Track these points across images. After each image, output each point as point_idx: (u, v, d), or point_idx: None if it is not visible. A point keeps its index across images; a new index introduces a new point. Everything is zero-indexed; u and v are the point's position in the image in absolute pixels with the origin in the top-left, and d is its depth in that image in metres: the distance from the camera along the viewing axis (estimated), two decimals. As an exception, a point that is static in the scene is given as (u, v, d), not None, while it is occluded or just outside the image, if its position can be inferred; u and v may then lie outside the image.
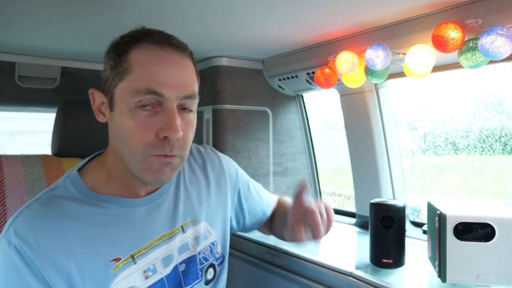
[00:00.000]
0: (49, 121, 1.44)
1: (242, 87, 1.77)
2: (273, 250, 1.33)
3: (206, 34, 1.34)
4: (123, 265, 0.79)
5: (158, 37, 0.77)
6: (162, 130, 0.74)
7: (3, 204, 1.15)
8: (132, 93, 0.74)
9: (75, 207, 0.78)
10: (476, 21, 0.99)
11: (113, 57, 0.78)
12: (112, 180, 0.84)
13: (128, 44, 0.77)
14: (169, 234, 0.87)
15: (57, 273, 0.73)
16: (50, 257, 0.73)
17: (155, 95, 0.74)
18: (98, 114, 0.83)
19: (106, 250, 0.78)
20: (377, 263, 1.13)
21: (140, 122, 0.74)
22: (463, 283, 0.94)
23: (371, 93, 1.51)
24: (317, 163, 1.97)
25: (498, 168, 1.49)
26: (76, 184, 0.81)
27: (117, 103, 0.77)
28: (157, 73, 0.74)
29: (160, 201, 0.88)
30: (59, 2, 1.03)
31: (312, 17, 1.17)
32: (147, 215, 0.85)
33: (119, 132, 0.77)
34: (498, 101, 1.53)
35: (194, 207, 0.94)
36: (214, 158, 1.05)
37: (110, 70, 0.78)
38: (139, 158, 0.76)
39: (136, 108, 0.74)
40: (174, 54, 0.77)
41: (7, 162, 1.21)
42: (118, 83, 0.76)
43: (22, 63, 1.57)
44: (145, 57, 0.75)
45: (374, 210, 1.13)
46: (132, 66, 0.75)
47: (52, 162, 1.27)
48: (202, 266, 0.93)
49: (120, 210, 0.82)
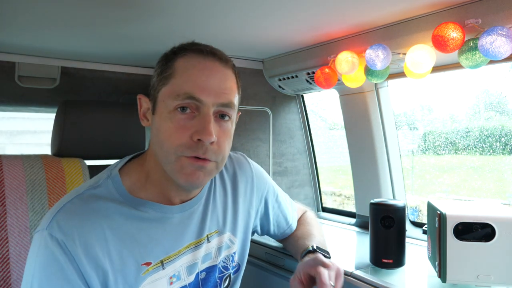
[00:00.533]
0: (49, 121, 1.44)
1: (242, 87, 1.76)
2: (273, 250, 1.33)
3: (206, 34, 1.34)
4: (152, 269, 0.81)
5: (203, 47, 0.82)
6: (197, 133, 0.77)
7: (3, 204, 1.15)
8: (172, 96, 0.78)
9: (114, 208, 0.80)
10: (476, 21, 0.99)
11: (161, 65, 0.83)
12: (149, 183, 0.85)
13: (175, 53, 0.82)
14: (196, 243, 0.89)
15: (94, 270, 0.74)
16: (89, 254, 0.74)
17: (193, 100, 0.77)
18: (142, 119, 0.87)
19: (139, 253, 0.80)
20: (377, 263, 1.13)
21: (177, 124, 0.77)
22: (463, 283, 0.94)
23: (371, 93, 1.51)
24: (317, 163, 1.97)
25: (498, 168, 1.49)
26: (117, 185, 0.83)
27: (158, 106, 0.81)
28: (198, 79, 0.78)
29: (193, 210, 0.90)
30: (59, 2, 1.03)
31: (312, 17, 1.17)
32: (180, 222, 0.86)
33: (157, 134, 0.80)
34: (498, 101, 1.53)
35: (220, 218, 0.95)
36: (246, 166, 1.06)
37: (157, 77, 0.82)
38: (172, 159, 0.78)
39: (175, 111, 0.78)
40: (216, 64, 0.82)
41: (7, 162, 1.21)
42: (162, 87, 0.80)
43: (22, 63, 1.57)
44: (189, 64, 0.80)
45: (374, 210, 1.13)
46: (176, 72, 0.79)
47: (52, 162, 1.27)
48: (221, 275, 0.95)
49: (156, 215, 0.83)
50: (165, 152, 0.78)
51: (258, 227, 1.11)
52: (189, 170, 0.78)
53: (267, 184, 1.10)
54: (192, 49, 0.81)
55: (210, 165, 0.80)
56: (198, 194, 0.92)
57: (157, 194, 0.85)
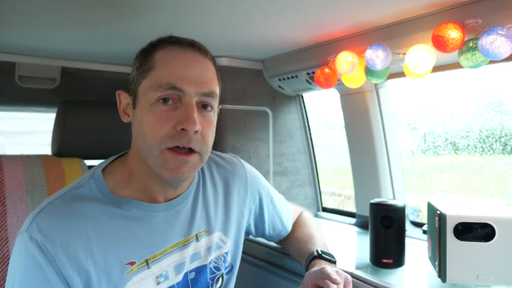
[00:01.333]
0: (49, 121, 1.44)
1: (242, 87, 1.77)
2: (273, 250, 1.33)
3: (206, 34, 1.34)
4: (137, 269, 0.80)
5: (182, 39, 0.83)
6: (180, 122, 0.76)
7: (3, 204, 1.15)
8: (154, 88, 0.77)
9: (97, 208, 0.79)
10: (476, 21, 0.99)
11: (140, 59, 0.83)
12: (132, 181, 0.84)
13: (154, 46, 0.82)
14: (184, 242, 0.88)
15: (76, 270, 0.73)
16: (70, 255, 0.73)
17: (175, 90, 0.77)
18: (123, 115, 0.86)
19: (123, 252, 0.79)
20: (377, 263, 1.13)
21: (159, 116, 0.77)
22: (463, 283, 0.94)
23: (371, 93, 1.51)
24: (317, 163, 1.97)
25: (498, 168, 1.49)
26: (99, 185, 0.82)
27: (139, 100, 0.80)
28: (179, 69, 0.78)
29: (179, 208, 0.89)
30: (60, 3, 1.03)
31: (312, 17, 1.17)
32: (164, 221, 0.86)
33: (139, 127, 0.80)
34: (498, 101, 1.53)
35: (210, 217, 0.94)
36: (238, 167, 1.06)
37: (136, 70, 0.82)
38: (155, 153, 0.78)
39: (157, 103, 0.77)
40: (195, 54, 0.82)
41: (7, 162, 1.21)
42: (142, 80, 0.80)
43: (22, 63, 1.57)
44: (168, 56, 0.80)
45: (374, 210, 1.13)
46: (155, 64, 0.79)
47: (52, 162, 1.27)
48: (213, 275, 0.94)
49: (140, 214, 0.83)
50: (148, 145, 0.78)
51: (252, 228, 1.10)
52: (173, 165, 0.78)
53: (261, 185, 1.09)
54: (171, 41, 0.82)
55: (193, 158, 0.79)
56: (184, 193, 0.90)
57: (140, 192, 0.84)
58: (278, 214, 1.12)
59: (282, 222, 1.14)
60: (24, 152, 1.31)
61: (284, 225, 1.15)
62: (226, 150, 1.73)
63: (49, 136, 1.37)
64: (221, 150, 1.72)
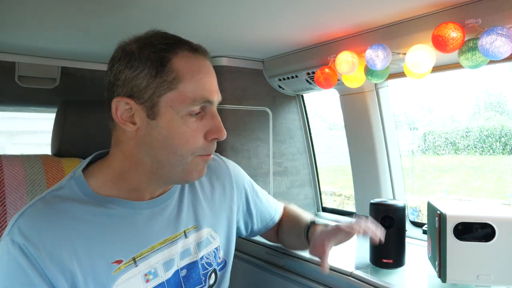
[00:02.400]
0: (49, 121, 1.44)
1: (242, 87, 1.77)
2: (273, 250, 1.33)
3: (206, 34, 1.34)
4: (124, 267, 0.79)
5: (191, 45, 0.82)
6: (211, 133, 0.81)
7: (3, 204, 1.15)
8: (187, 102, 0.78)
9: (79, 208, 0.79)
10: (476, 21, 0.99)
11: (151, 64, 0.77)
12: (122, 181, 0.84)
13: (166, 52, 0.78)
14: (172, 239, 0.88)
15: (60, 272, 0.73)
16: (53, 257, 0.73)
17: (207, 103, 0.80)
18: (124, 123, 0.80)
19: (108, 251, 0.78)
20: (377, 263, 1.13)
21: (192, 128, 0.79)
22: (463, 283, 0.94)
23: (371, 93, 1.51)
24: (317, 163, 1.97)
25: (498, 168, 1.49)
26: (81, 185, 0.82)
27: (163, 111, 0.78)
28: (208, 83, 0.81)
29: (165, 205, 0.89)
30: (60, 3, 1.03)
31: (312, 17, 1.17)
32: (150, 218, 0.85)
33: (164, 139, 0.79)
34: (498, 101, 1.53)
35: (198, 213, 0.95)
36: (221, 164, 1.07)
37: (150, 78, 0.77)
38: (188, 161, 0.81)
39: (188, 115, 0.79)
40: (207, 62, 0.84)
41: (7, 162, 1.21)
42: (166, 92, 0.77)
43: (22, 63, 1.57)
44: (194, 67, 0.80)
45: (374, 210, 1.13)
46: (182, 76, 0.78)
47: (52, 162, 1.27)
48: (205, 271, 0.94)
49: (124, 212, 0.82)
50: (180, 156, 0.80)
51: (241, 223, 1.10)
52: (201, 167, 0.84)
53: (245, 180, 1.10)
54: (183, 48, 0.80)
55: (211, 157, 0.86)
56: (170, 190, 0.91)
57: (129, 191, 0.84)
58: (265, 206, 1.14)
59: (270, 213, 1.16)
60: (24, 152, 1.31)
61: (272, 216, 1.16)
62: (226, 150, 1.73)
63: (49, 136, 1.37)
64: (221, 150, 1.73)
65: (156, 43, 0.79)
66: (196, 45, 0.83)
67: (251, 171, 1.79)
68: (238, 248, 1.49)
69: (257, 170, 1.81)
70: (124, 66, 0.78)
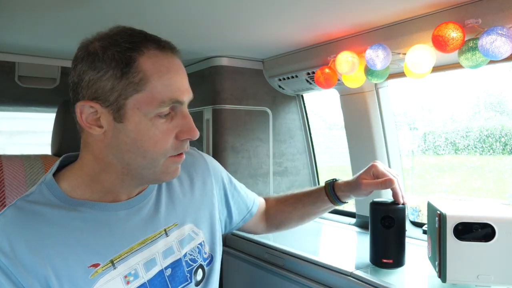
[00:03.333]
0: (49, 121, 1.44)
1: (242, 87, 1.77)
2: (273, 250, 1.33)
3: (206, 34, 1.34)
4: (102, 270, 0.78)
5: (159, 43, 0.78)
6: (183, 133, 0.78)
7: (3, 204, 1.15)
8: (155, 104, 0.74)
9: (51, 212, 0.77)
10: (476, 21, 0.99)
11: (116, 65, 0.73)
12: (95, 185, 0.82)
13: (132, 51, 0.74)
14: (151, 238, 0.86)
15: (35, 279, 0.72)
16: (26, 264, 0.72)
17: (177, 104, 0.77)
18: (90, 127, 0.77)
19: (84, 255, 0.77)
20: (377, 263, 1.13)
21: (162, 129, 0.77)
22: (463, 283, 0.94)
23: (371, 93, 1.51)
24: (317, 163, 1.97)
25: (498, 168, 1.49)
26: (52, 189, 0.80)
27: (130, 114, 0.75)
28: (177, 82, 0.77)
29: (141, 205, 0.87)
30: (60, 3, 1.03)
31: (312, 17, 1.17)
32: (127, 219, 0.84)
33: (133, 142, 0.76)
34: (498, 101, 1.53)
35: (177, 210, 0.93)
36: (199, 158, 1.05)
37: (115, 79, 0.74)
38: (159, 163, 0.79)
39: (156, 117, 0.76)
40: (176, 60, 0.80)
41: (7, 162, 1.21)
42: (133, 94, 0.74)
43: (22, 63, 1.57)
44: (161, 67, 0.76)
45: (374, 210, 1.13)
46: (149, 77, 0.74)
47: (52, 162, 1.27)
48: (190, 268, 0.92)
49: (98, 215, 0.81)
50: (150, 159, 0.77)
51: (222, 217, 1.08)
52: (173, 168, 0.81)
53: (223, 173, 1.09)
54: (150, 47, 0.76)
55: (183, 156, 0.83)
56: (146, 189, 0.89)
57: (103, 193, 0.82)
58: (242, 198, 1.12)
59: (247, 205, 1.14)
60: (24, 152, 1.31)
61: (248, 207, 1.15)
62: (226, 150, 1.73)
63: (49, 136, 1.37)
64: (221, 150, 1.73)
65: (121, 42, 0.75)
66: (164, 42, 0.79)
67: (251, 171, 1.79)
68: (238, 247, 1.50)
69: (257, 170, 1.81)
70: (87, 67, 0.75)
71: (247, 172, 1.14)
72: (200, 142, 1.84)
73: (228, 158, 1.74)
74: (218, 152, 1.74)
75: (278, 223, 1.21)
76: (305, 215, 1.19)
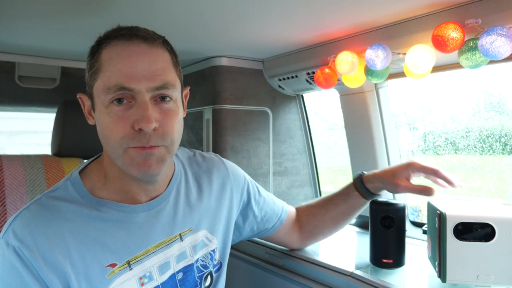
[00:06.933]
0: (49, 121, 1.44)
1: (242, 87, 1.77)
2: (273, 250, 1.33)
3: (206, 34, 1.34)
4: (118, 271, 0.79)
5: (126, 31, 0.77)
6: (136, 122, 0.74)
7: (3, 204, 1.15)
8: (104, 91, 0.75)
9: (74, 210, 0.78)
10: (476, 21, 0.99)
11: (89, 59, 0.80)
12: (109, 182, 0.84)
13: (100, 44, 0.78)
14: (167, 242, 0.87)
15: (55, 274, 0.73)
16: (47, 259, 0.73)
17: (125, 90, 0.74)
18: (88, 118, 0.85)
19: (103, 254, 0.78)
20: (377, 263, 1.13)
21: (116, 117, 0.75)
22: (463, 283, 0.94)
23: (371, 93, 1.51)
24: (317, 163, 1.97)
25: (498, 168, 1.49)
26: (77, 186, 0.82)
27: (96, 103, 0.79)
28: (125, 68, 0.74)
29: (160, 208, 0.88)
30: (60, 2, 1.03)
31: (312, 17, 1.17)
32: (145, 221, 0.85)
33: (101, 130, 0.79)
34: (498, 101, 1.53)
35: (194, 215, 0.93)
36: (219, 164, 1.05)
37: (88, 72, 0.80)
38: (119, 153, 0.76)
39: (111, 104, 0.75)
40: (141, 46, 0.76)
41: (7, 162, 1.21)
42: (94, 83, 0.78)
43: (22, 63, 1.57)
44: (113, 54, 0.76)
45: (374, 210, 1.13)
46: (102, 65, 0.76)
47: (52, 162, 1.27)
48: (201, 274, 0.93)
49: (119, 216, 0.82)
50: (111, 147, 0.77)
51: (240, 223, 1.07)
52: (139, 160, 0.76)
53: (246, 181, 1.08)
54: (115, 36, 0.76)
55: (158, 151, 0.77)
56: (164, 192, 0.89)
57: (119, 192, 0.83)
58: (269, 205, 1.11)
59: (275, 212, 1.12)
60: (24, 152, 1.31)
61: (278, 215, 1.13)
62: (226, 150, 1.73)
63: (49, 136, 1.37)
64: (221, 150, 1.73)
65: (101, 36, 0.79)
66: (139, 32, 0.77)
67: (251, 171, 1.79)
68: (238, 247, 1.50)
69: (257, 170, 1.81)
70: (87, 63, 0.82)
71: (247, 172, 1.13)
72: (200, 142, 1.84)
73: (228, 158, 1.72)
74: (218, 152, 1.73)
75: (311, 230, 1.18)
76: (339, 217, 1.16)
